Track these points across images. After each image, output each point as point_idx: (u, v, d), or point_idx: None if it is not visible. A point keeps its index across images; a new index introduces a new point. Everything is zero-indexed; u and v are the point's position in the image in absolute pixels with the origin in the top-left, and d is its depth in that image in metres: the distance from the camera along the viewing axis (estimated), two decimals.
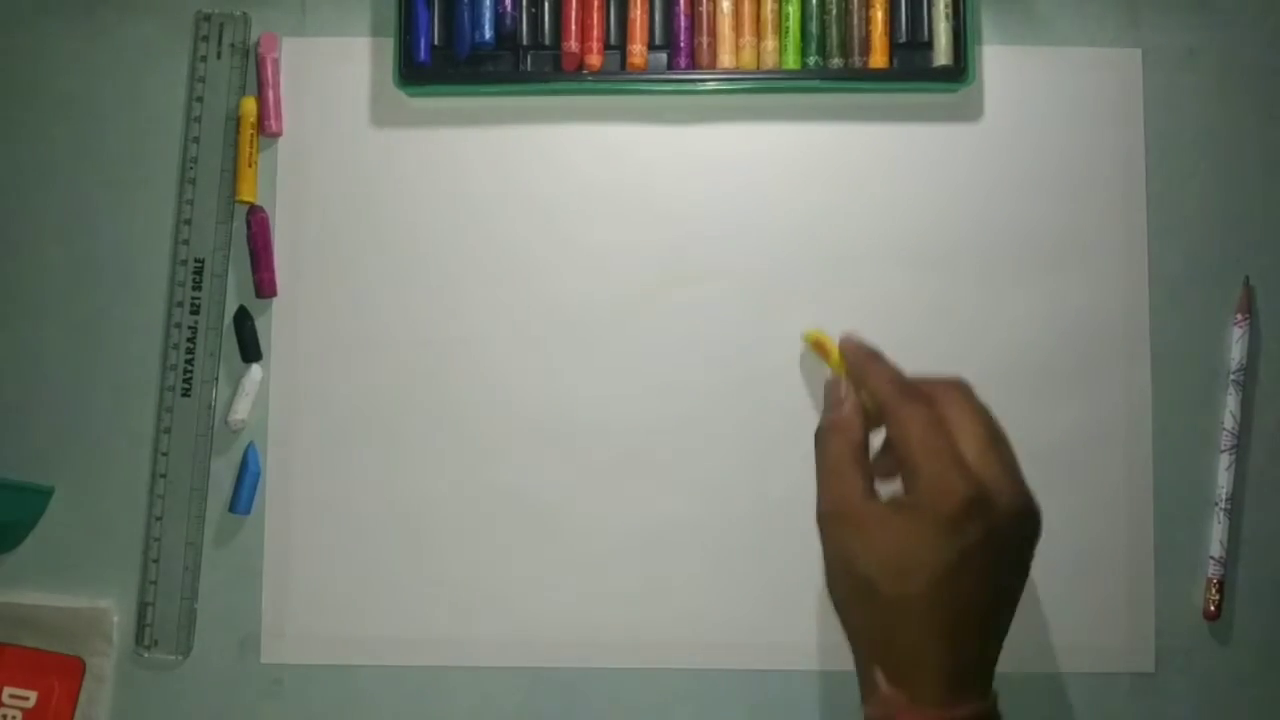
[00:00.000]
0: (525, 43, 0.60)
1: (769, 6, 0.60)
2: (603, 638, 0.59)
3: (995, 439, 0.45)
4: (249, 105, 0.60)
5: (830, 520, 0.45)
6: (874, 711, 0.44)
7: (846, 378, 0.50)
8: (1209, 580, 0.59)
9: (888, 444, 0.48)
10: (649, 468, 0.60)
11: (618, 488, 0.60)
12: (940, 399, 0.46)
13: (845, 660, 0.59)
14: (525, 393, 0.60)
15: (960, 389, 0.47)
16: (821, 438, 0.47)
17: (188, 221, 0.60)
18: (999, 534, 0.43)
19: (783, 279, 0.60)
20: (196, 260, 0.60)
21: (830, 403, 0.49)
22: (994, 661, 0.44)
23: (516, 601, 0.59)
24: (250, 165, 0.60)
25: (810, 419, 0.60)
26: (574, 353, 0.60)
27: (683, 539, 0.59)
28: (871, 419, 0.48)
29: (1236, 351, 0.60)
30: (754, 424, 0.60)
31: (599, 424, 0.60)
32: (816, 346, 0.56)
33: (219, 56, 0.61)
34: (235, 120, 0.60)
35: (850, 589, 0.44)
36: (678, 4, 0.60)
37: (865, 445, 0.47)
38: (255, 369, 0.60)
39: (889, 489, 0.47)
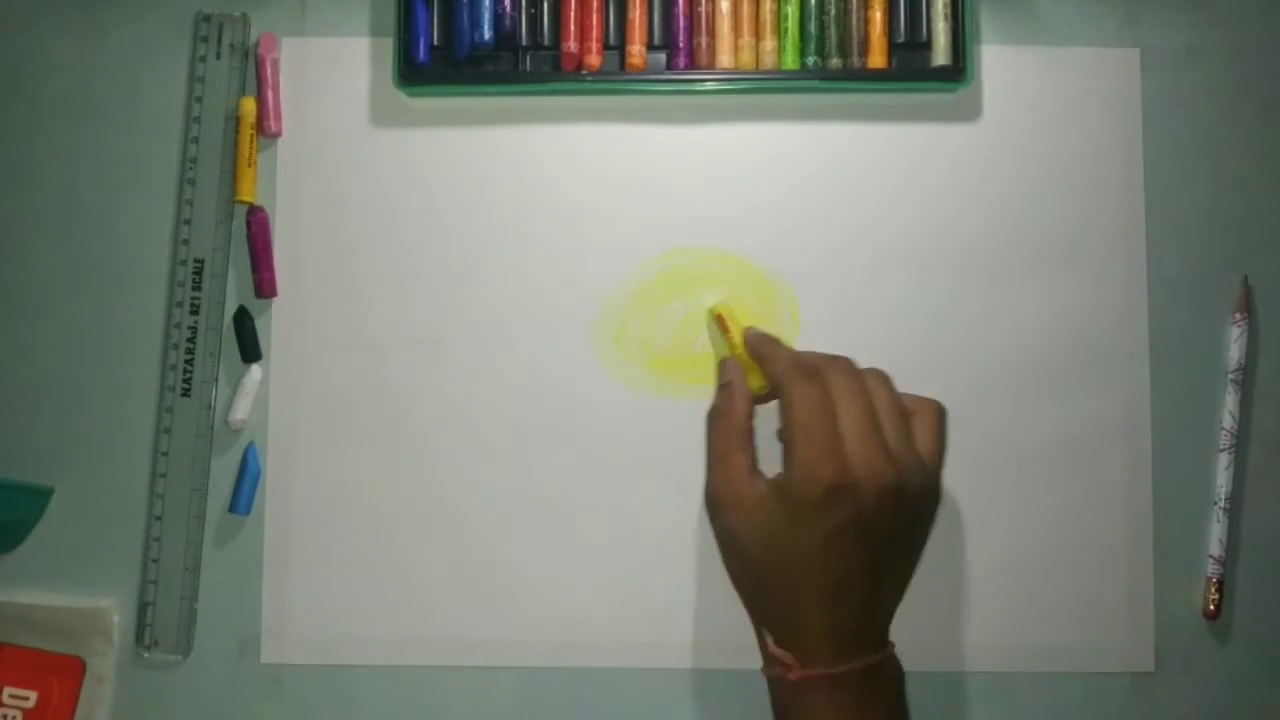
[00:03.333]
0: (524, 43, 0.60)
1: (768, 7, 0.60)
2: (601, 637, 0.59)
3: (877, 419, 0.47)
4: (248, 105, 0.60)
5: (714, 502, 0.50)
6: (768, 671, 0.48)
7: (739, 357, 0.52)
8: (1208, 580, 0.59)
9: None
10: (648, 467, 0.60)
11: (617, 488, 0.60)
12: (830, 378, 0.48)
13: None
14: (524, 393, 0.60)
15: (846, 365, 0.49)
16: (709, 422, 0.50)
17: (187, 221, 0.60)
18: (865, 517, 0.46)
19: (781, 279, 0.60)
20: (196, 260, 0.60)
21: (719, 386, 0.52)
22: (883, 621, 0.47)
23: (515, 601, 0.59)
24: (250, 165, 0.60)
25: None
26: (573, 352, 0.60)
27: (682, 538, 0.60)
28: (766, 398, 0.52)
29: (1235, 351, 0.60)
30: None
31: (598, 424, 0.60)
32: (718, 321, 0.57)
33: (218, 57, 0.61)
34: (235, 120, 0.60)
35: (735, 563, 0.49)
36: (677, 4, 0.60)
37: (749, 429, 0.51)
38: (255, 369, 0.60)
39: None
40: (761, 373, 0.55)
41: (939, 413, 0.52)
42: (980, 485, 0.60)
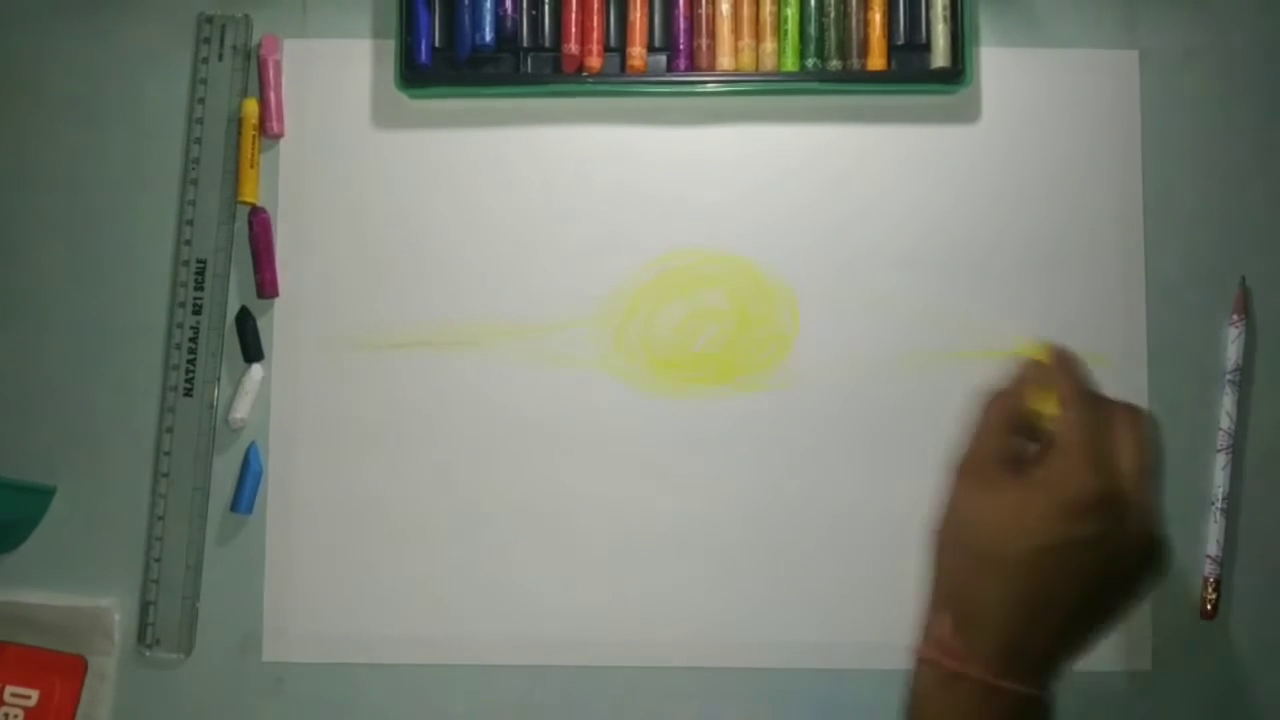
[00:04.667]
0: (525, 45, 0.60)
1: (768, 9, 0.60)
2: (602, 636, 0.59)
3: (1150, 472, 0.45)
4: (250, 107, 0.60)
5: (960, 471, 0.47)
6: (925, 651, 0.45)
7: (1027, 364, 0.49)
8: (1205, 579, 0.59)
9: (1048, 441, 0.48)
10: (648, 467, 0.60)
11: (617, 487, 0.60)
12: (1119, 410, 0.46)
13: (843, 659, 0.59)
14: (525, 392, 0.60)
15: (1142, 417, 0.47)
16: (984, 398, 0.48)
17: (190, 222, 0.60)
18: (1114, 544, 0.43)
19: (781, 280, 0.61)
20: (198, 260, 0.60)
21: (1002, 375, 0.49)
22: (1058, 661, 0.45)
23: (516, 600, 0.60)
24: (252, 166, 0.60)
25: (806, 420, 0.60)
26: (573, 352, 0.60)
27: (682, 538, 0.60)
28: (1036, 428, 0.48)
29: (1233, 352, 0.60)
30: (752, 424, 0.60)
31: (598, 424, 0.60)
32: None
33: (220, 58, 0.61)
34: (237, 122, 0.61)
35: (952, 532, 0.46)
36: (677, 6, 0.60)
37: (1017, 417, 0.47)
38: (256, 369, 0.60)
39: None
40: (1047, 391, 0.49)
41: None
42: None
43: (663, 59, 0.61)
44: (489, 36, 0.60)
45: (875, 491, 0.60)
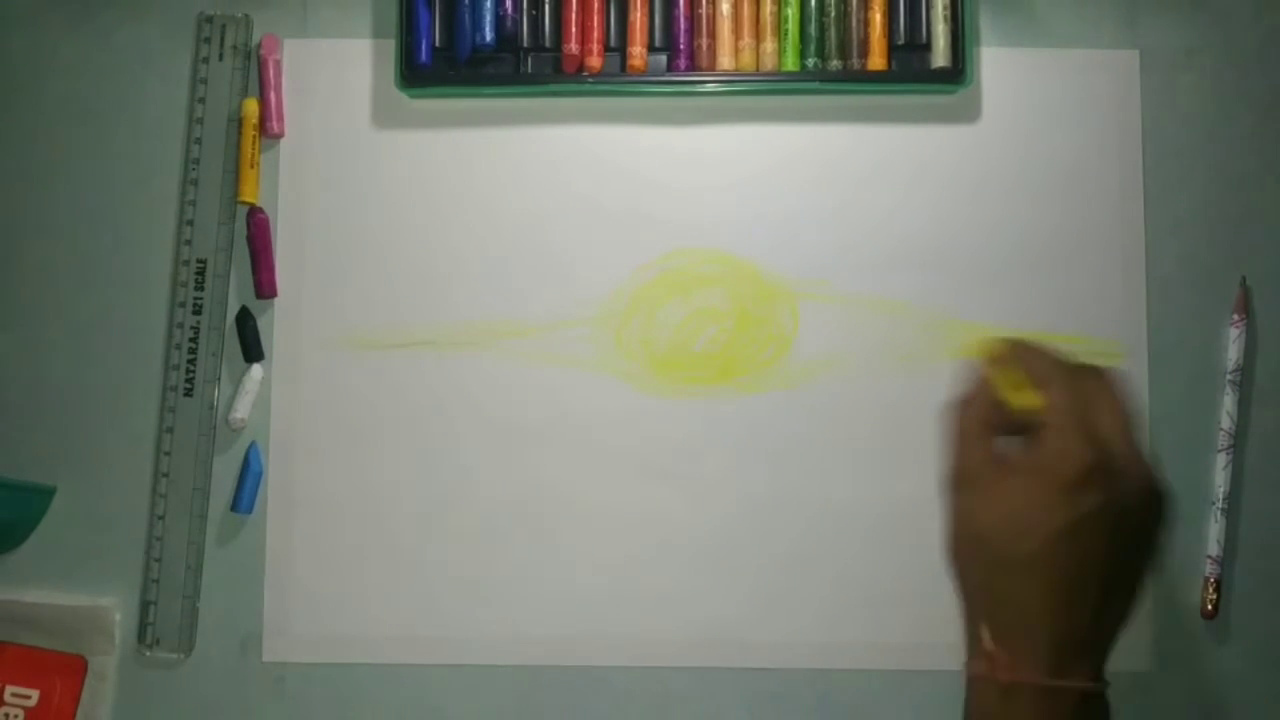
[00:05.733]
0: (526, 45, 0.60)
1: (768, 9, 0.60)
2: (602, 636, 0.59)
3: (1130, 423, 0.45)
4: (250, 107, 0.60)
5: (953, 482, 0.47)
6: (975, 668, 0.45)
7: (987, 361, 0.49)
8: (1206, 580, 0.59)
9: (1034, 429, 0.48)
10: (648, 467, 0.60)
11: (616, 487, 0.60)
12: (1087, 378, 0.46)
13: (841, 658, 0.59)
14: (525, 392, 0.60)
15: (1106, 373, 0.47)
16: (952, 408, 0.48)
17: (190, 222, 0.60)
18: (1119, 507, 0.43)
19: (781, 280, 0.61)
20: (199, 260, 0.60)
21: (966, 379, 0.49)
22: (1107, 645, 0.45)
23: (516, 600, 0.60)
24: (252, 166, 0.60)
25: (806, 420, 0.60)
26: (574, 352, 0.60)
27: (681, 537, 0.60)
28: (1012, 410, 0.48)
29: (1233, 352, 0.60)
30: (750, 424, 0.60)
31: (597, 424, 0.60)
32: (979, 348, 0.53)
33: (221, 58, 0.61)
34: (237, 122, 0.61)
35: (966, 547, 0.46)
36: (677, 6, 0.60)
37: (992, 417, 0.47)
38: (256, 369, 0.60)
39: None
40: (1014, 382, 0.48)
41: None
42: None
43: (663, 59, 0.61)
44: (489, 36, 0.60)
45: (875, 491, 0.60)
